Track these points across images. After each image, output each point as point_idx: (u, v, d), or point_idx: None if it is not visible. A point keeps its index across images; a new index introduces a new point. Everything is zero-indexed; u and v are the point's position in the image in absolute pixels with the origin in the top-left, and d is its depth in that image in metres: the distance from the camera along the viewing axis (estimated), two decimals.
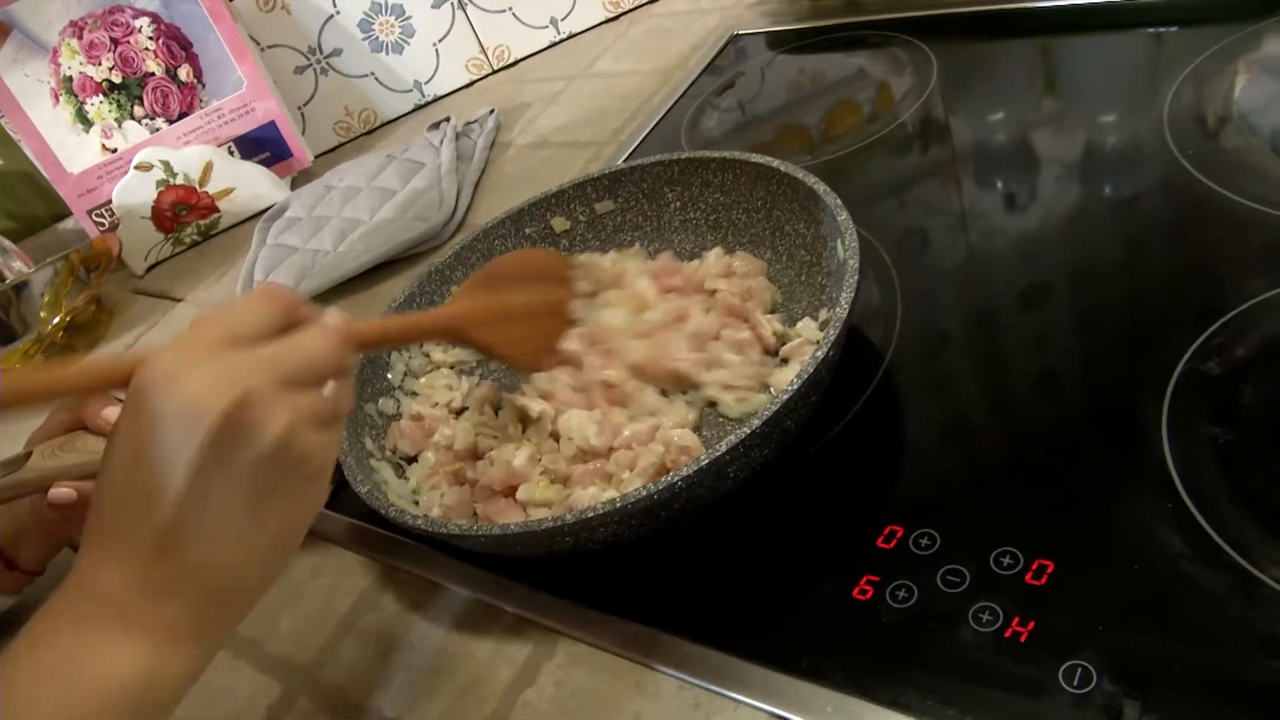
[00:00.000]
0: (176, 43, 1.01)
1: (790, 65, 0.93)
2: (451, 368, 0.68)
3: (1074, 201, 0.62)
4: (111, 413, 0.56)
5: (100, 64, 1.01)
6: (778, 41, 0.96)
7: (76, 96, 1.02)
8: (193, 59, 1.02)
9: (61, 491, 0.55)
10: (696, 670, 0.45)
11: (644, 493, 0.45)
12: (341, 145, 1.12)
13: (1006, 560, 0.43)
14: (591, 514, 0.45)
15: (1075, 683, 0.38)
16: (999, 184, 0.67)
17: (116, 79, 1.01)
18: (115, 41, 1.00)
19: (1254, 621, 0.38)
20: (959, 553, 0.45)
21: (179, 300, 0.98)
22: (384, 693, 0.51)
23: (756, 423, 0.45)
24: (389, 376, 0.65)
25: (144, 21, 1.00)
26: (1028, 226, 0.62)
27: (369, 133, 1.12)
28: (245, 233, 1.02)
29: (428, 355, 0.68)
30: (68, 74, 1.01)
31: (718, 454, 0.45)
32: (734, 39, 0.98)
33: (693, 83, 0.93)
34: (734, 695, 0.43)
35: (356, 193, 0.94)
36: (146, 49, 1.00)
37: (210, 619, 0.40)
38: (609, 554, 0.49)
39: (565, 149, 0.92)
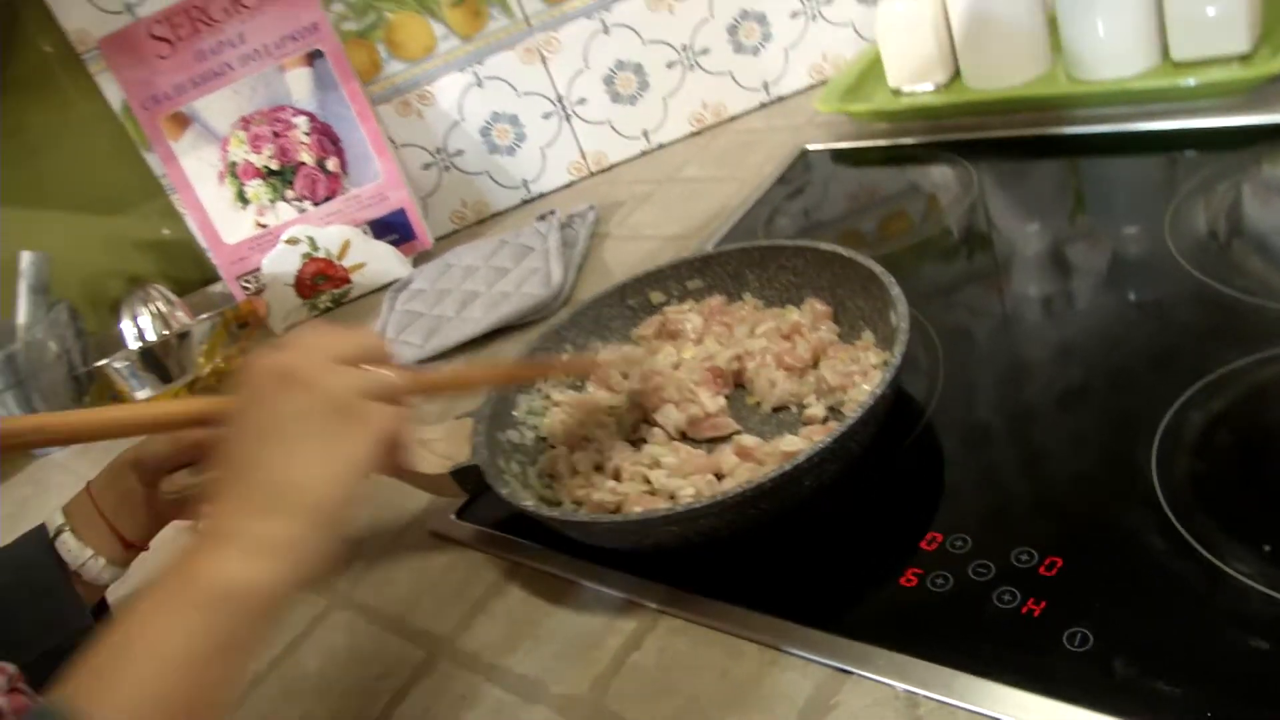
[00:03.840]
0: (327, 138, 1.18)
1: (850, 178, 1.07)
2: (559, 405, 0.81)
3: (1092, 293, 0.75)
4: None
5: (262, 152, 1.18)
6: (840, 157, 1.10)
7: (239, 179, 1.19)
8: (339, 153, 1.19)
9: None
10: (772, 636, 0.56)
11: (736, 490, 0.57)
12: (456, 231, 1.28)
13: (1024, 557, 0.55)
14: (696, 505, 0.58)
15: (1076, 644, 0.49)
16: (1031, 280, 0.80)
17: (274, 166, 1.19)
18: (276, 134, 1.17)
19: (1217, 600, 0.49)
20: (986, 552, 0.56)
21: None
22: (513, 655, 0.63)
23: (829, 439, 0.58)
24: (514, 413, 0.79)
25: (302, 120, 1.18)
26: (1052, 312, 0.74)
27: (480, 222, 1.29)
28: (372, 301, 1.18)
29: (547, 396, 0.81)
30: (233, 159, 1.19)
31: (798, 461, 0.57)
32: (803, 154, 1.13)
33: (767, 190, 1.08)
34: (799, 653, 0.55)
35: (474, 270, 1.09)
36: (302, 142, 1.18)
37: (292, 529, 0.50)
38: (702, 548, 0.61)
39: (655, 240, 1.06)
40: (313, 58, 1.16)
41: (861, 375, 0.69)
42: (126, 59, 1.15)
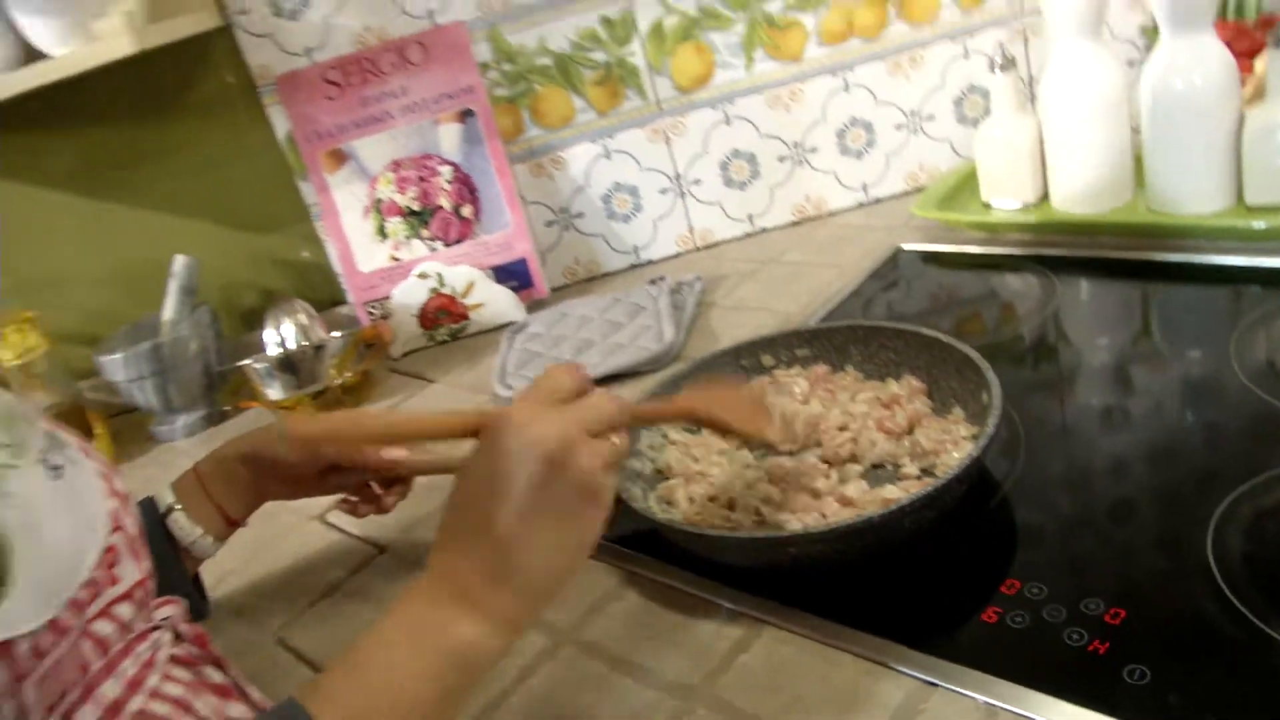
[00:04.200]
0: (466, 188, 1.31)
1: (937, 278, 1.18)
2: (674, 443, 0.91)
3: (1160, 398, 0.85)
4: (392, 451, 0.83)
5: (406, 194, 1.31)
6: (930, 258, 1.21)
7: (381, 215, 1.32)
8: (475, 202, 1.32)
9: (396, 453, 0.83)
10: (868, 650, 0.66)
11: (848, 521, 0.67)
12: (567, 285, 1.40)
13: (1092, 606, 0.64)
14: (814, 531, 0.68)
15: (1135, 678, 0.58)
16: (1104, 383, 0.90)
17: (415, 207, 1.31)
18: (421, 179, 1.30)
19: (1260, 657, 0.58)
20: (1058, 599, 0.65)
21: (432, 381, 1.24)
22: (633, 647, 0.72)
23: (929, 489, 0.68)
24: (637, 445, 0.89)
25: (446, 169, 1.31)
26: (1123, 411, 0.84)
27: (590, 279, 1.41)
28: (485, 339, 1.29)
29: (665, 435, 0.91)
30: (379, 197, 1.32)
31: (903, 503, 0.67)
32: (897, 252, 1.24)
33: (862, 281, 1.19)
34: (893, 665, 0.64)
35: (589, 321, 1.21)
36: (443, 189, 1.31)
37: (524, 608, 0.55)
38: (808, 571, 0.71)
39: (759, 313, 1.17)
40: (464, 115, 1.29)
41: (953, 444, 0.79)
42: (299, 96, 1.29)
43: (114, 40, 1.04)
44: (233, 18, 1.26)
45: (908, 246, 1.24)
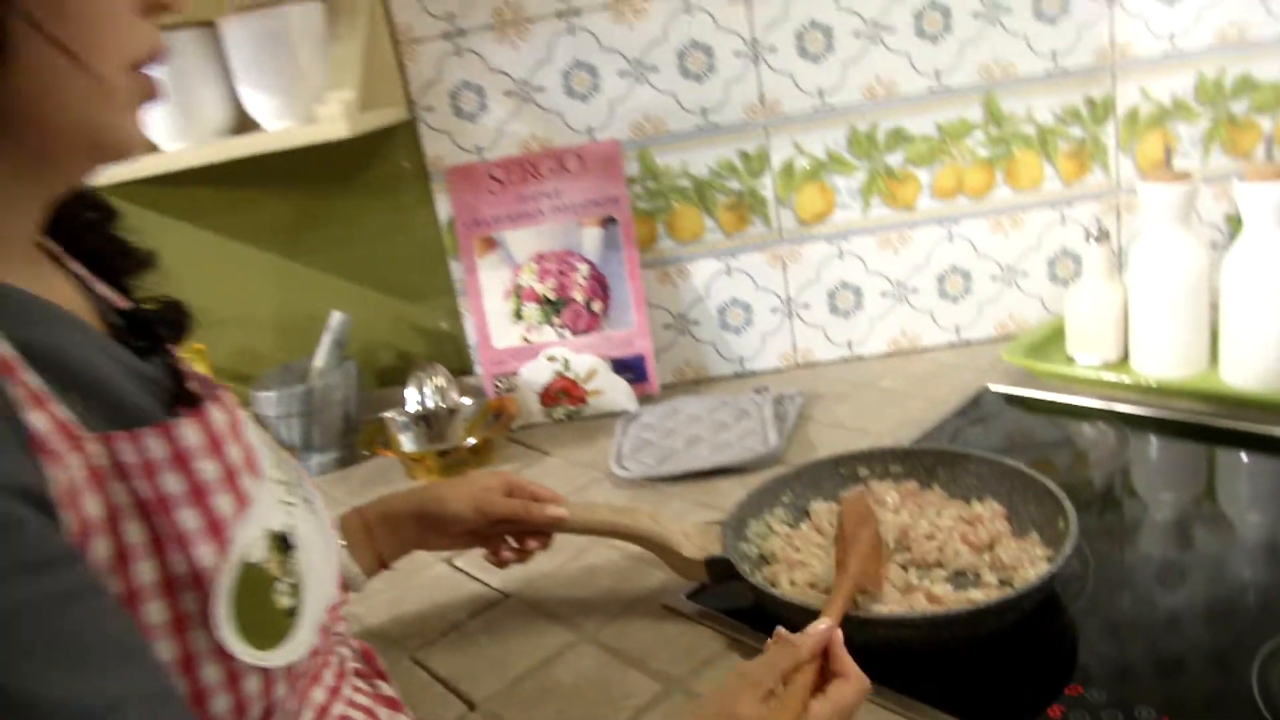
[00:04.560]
0: (599, 285, 1.46)
1: (1018, 419, 1.29)
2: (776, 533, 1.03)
3: (1219, 548, 0.95)
4: (554, 509, 0.95)
5: (545, 284, 1.46)
6: (1014, 401, 1.33)
7: (520, 300, 1.47)
8: (605, 299, 1.46)
9: (559, 511, 0.95)
10: None
11: (938, 611, 0.78)
12: (675, 384, 1.54)
13: (1145, 713, 0.74)
14: (906, 616, 0.79)
15: None
16: (1173, 530, 1.01)
17: (552, 296, 1.46)
18: (561, 273, 1.46)
19: None
20: (1115, 704, 0.75)
21: (548, 454, 1.38)
22: None
23: (1011, 594, 0.79)
24: (746, 531, 1.01)
25: (584, 266, 1.46)
26: (1185, 558, 0.95)
27: (697, 382, 1.54)
28: (598, 423, 1.43)
29: (769, 525, 1.03)
30: (521, 283, 1.47)
31: (989, 603, 0.78)
32: (984, 391, 1.36)
33: (949, 414, 1.31)
34: None
35: (698, 419, 1.34)
36: (579, 284, 1.46)
37: None
38: (894, 653, 0.82)
39: (853, 431, 1.29)
40: (607, 221, 1.45)
41: (1030, 562, 0.90)
42: (464, 186, 1.45)
43: (330, 124, 1.21)
44: (419, 113, 1.44)
45: (994, 387, 1.36)
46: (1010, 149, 1.42)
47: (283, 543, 0.59)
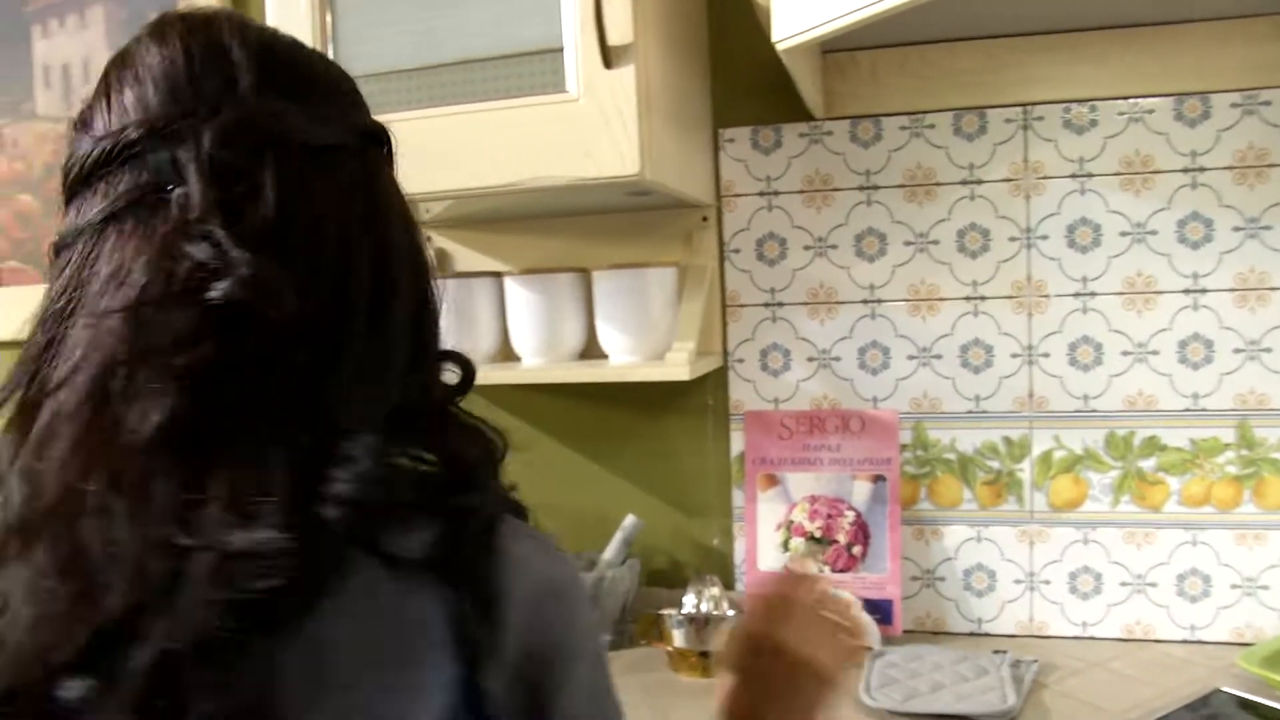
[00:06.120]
0: (862, 532, 1.66)
1: None
2: None
3: None
4: None
5: (813, 522, 1.68)
6: (1245, 704, 1.41)
7: (789, 533, 1.69)
8: (865, 544, 1.66)
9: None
10: None
11: None
12: (914, 632, 1.70)
13: None
14: None
15: None
16: None
17: (818, 534, 1.68)
18: (829, 516, 1.67)
19: None
20: None
21: None
22: None
23: None
24: None
25: (850, 514, 1.67)
26: None
27: (934, 634, 1.70)
28: None
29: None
30: (792, 519, 1.69)
31: None
32: (1215, 692, 1.45)
33: (1178, 707, 1.41)
34: None
35: (940, 667, 1.49)
36: (844, 528, 1.67)
37: None
38: None
39: (1084, 704, 1.41)
40: (877, 478, 1.67)
41: None
42: (757, 429, 1.71)
43: (676, 368, 1.50)
44: (732, 363, 1.73)
45: (1226, 689, 1.45)
46: (1260, 471, 1.56)
47: None
